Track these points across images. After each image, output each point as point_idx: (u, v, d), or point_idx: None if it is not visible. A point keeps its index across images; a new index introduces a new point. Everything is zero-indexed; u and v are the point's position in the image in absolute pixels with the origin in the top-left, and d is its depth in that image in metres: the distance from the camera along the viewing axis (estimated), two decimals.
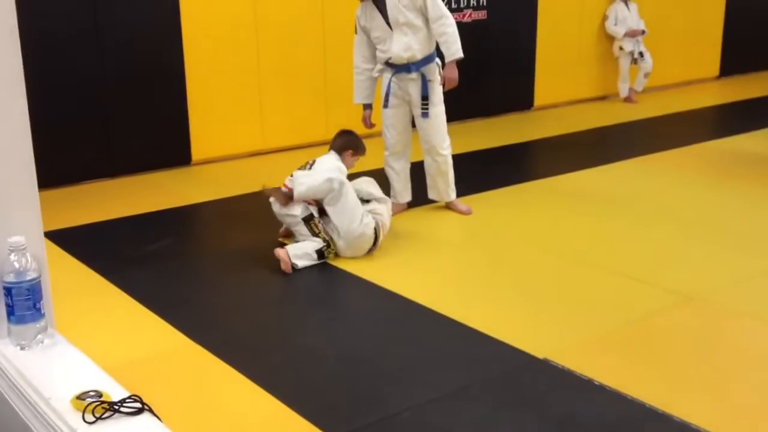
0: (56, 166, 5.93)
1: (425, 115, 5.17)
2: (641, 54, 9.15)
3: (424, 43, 5.06)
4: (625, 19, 9.07)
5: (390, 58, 5.10)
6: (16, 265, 1.98)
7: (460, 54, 5.01)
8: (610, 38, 9.20)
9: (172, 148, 6.59)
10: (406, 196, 5.40)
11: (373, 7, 5.07)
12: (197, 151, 6.68)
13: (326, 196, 4.55)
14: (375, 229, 4.57)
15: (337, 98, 7.20)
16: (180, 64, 6.46)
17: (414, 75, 5.12)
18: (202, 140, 6.67)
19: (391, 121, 5.25)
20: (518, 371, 3.36)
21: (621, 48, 9.15)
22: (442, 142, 5.26)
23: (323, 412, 3.03)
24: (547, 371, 3.35)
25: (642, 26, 9.14)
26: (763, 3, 10.72)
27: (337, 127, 7.26)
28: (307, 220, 4.57)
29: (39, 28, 5.74)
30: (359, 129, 5.26)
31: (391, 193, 5.35)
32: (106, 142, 6.29)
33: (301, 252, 4.48)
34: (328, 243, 4.54)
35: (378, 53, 5.18)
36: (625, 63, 9.18)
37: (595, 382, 3.22)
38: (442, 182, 5.35)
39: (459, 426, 2.96)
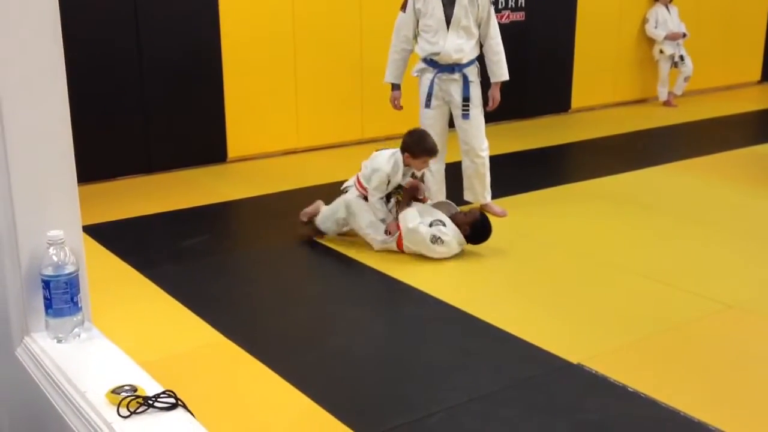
0: (93, 162, 5.99)
1: (466, 116, 5.18)
2: (681, 57, 9.03)
3: (473, 49, 5.16)
4: (665, 21, 8.96)
5: (437, 54, 5.09)
6: (55, 258, 2.01)
7: (507, 77, 5.28)
8: (650, 41, 9.10)
9: (208, 145, 6.64)
10: (441, 197, 5.38)
11: None
12: (233, 149, 6.72)
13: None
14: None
15: (372, 98, 7.20)
16: (218, 61, 6.50)
17: (456, 75, 5.14)
18: (238, 138, 6.71)
19: (430, 122, 5.23)
20: (551, 375, 3.33)
21: (661, 51, 9.05)
22: (481, 143, 5.25)
23: (354, 412, 3.03)
24: (580, 376, 3.31)
25: (683, 29, 9.03)
26: None
27: (372, 128, 7.35)
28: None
29: (78, 23, 5.80)
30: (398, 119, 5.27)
31: (427, 195, 5.34)
32: (143, 139, 6.35)
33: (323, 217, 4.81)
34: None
35: (423, 43, 5.16)
36: (665, 66, 9.08)
37: (629, 389, 3.18)
38: (479, 184, 5.34)
39: (490, 429, 2.94)
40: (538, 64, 8.33)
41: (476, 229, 4.63)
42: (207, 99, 6.54)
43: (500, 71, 5.25)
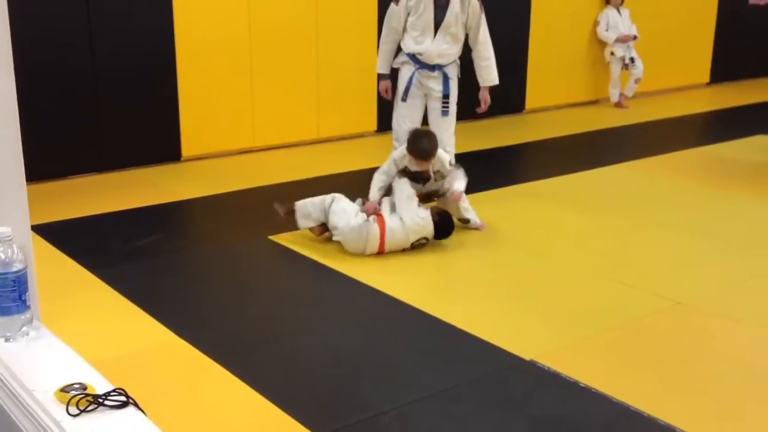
0: (44, 160, 5.90)
1: (446, 113, 5.31)
2: (632, 59, 9.17)
3: (456, 53, 5.29)
4: (616, 24, 9.10)
5: (421, 54, 5.16)
6: (2, 255, 1.97)
7: (497, 81, 5.41)
8: (602, 43, 9.22)
9: (162, 144, 6.57)
10: None
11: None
12: (187, 147, 6.66)
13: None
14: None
15: (328, 98, 7.20)
16: (172, 58, 6.44)
17: (436, 74, 5.26)
18: (192, 136, 6.65)
19: (403, 112, 5.33)
20: (505, 372, 3.37)
21: (612, 53, 9.18)
22: (450, 139, 5.38)
23: (310, 411, 3.03)
24: (533, 372, 3.35)
25: (634, 31, 9.17)
26: (753, 11, 10.78)
27: (328, 127, 7.35)
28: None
29: (30, 21, 5.71)
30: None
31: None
32: (95, 137, 6.26)
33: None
34: None
35: (409, 40, 5.21)
36: (616, 68, 9.21)
37: (581, 384, 3.23)
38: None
39: (445, 426, 2.96)
40: None
41: (439, 226, 4.67)
42: (160, 97, 6.47)
43: (489, 76, 5.38)
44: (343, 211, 4.67)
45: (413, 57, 5.23)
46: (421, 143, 4.75)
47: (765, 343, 3.71)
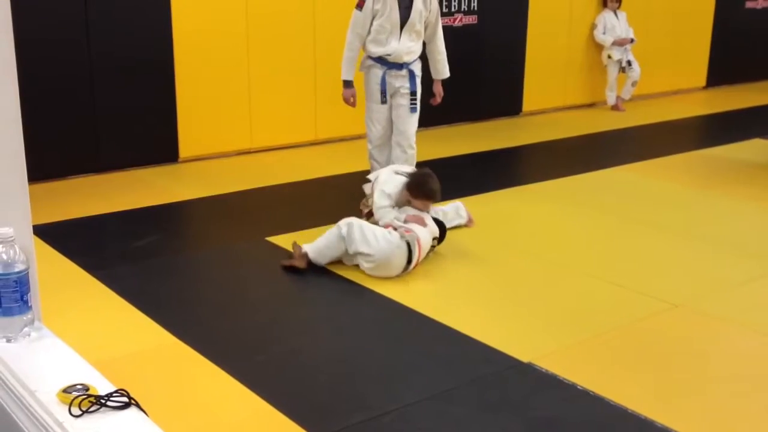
0: (43, 161, 5.89)
1: (414, 109, 5.37)
2: (629, 63, 9.20)
3: (419, 49, 5.37)
4: (613, 27, 9.12)
5: (389, 55, 5.22)
6: (4, 256, 1.97)
7: (449, 74, 5.56)
8: (599, 46, 9.24)
9: (159, 145, 6.57)
10: None
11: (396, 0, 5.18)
12: (185, 149, 6.66)
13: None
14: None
15: (326, 99, 7.20)
16: (170, 60, 6.44)
17: (404, 72, 5.30)
18: (190, 138, 6.65)
19: (378, 115, 5.40)
20: (503, 374, 3.37)
21: (609, 56, 9.19)
22: (413, 135, 5.44)
23: (307, 412, 3.03)
24: (531, 375, 3.36)
25: (631, 35, 9.19)
26: (749, 15, 10.81)
27: (326, 129, 7.35)
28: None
29: (28, 21, 5.70)
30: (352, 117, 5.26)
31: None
32: (93, 138, 6.26)
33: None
34: None
35: (372, 46, 5.26)
36: (613, 71, 9.23)
37: (579, 387, 3.24)
38: None
39: (443, 427, 2.96)
40: (490, 67, 8.42)
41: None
42: (158, 98, 6.47)
43: (444, 69, 5.53)
44: (373, 235, 4.32)
45: (380, 59, 5.27)
46: (433, 184, 4.63)
47: (760, 345, 3.73)
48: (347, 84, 5.40)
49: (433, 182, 4.67)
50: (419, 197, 4.63)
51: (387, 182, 4.73)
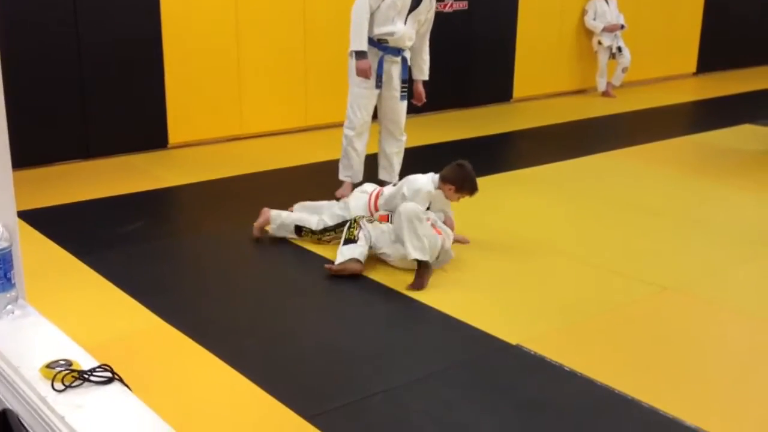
0: (31, 146, 5.88)
1: (404, 97, 5.36)
2: (619, 49, 9.20)
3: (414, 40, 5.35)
4: (604, 13, 9.11)
5: (391, 35, 5.16)
6: None
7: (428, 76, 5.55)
8: (590, 33, 9.24)
9: (148, 131, 6.54)
10: (361, 176, 5.44)
11: None
12: (174, 135, 6.63)
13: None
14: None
15: (316, 85, 7.19)
16: (158, 44, 6.40)
17: (398, 58, 5.28)
18: (179, 123, 6.62)
19: (365, 101, 5.32)
20: (491, 356, 3.38)
21: (600, 42, 9.20)
22: (404, 122, 5.45)
23: (295, 394, 3.03)
24: (519, 357, 3.37)
25: (621, 21, 9.19)
26: (739, 1, 10.81)
27: (316, 115, 7.33)
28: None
29: (14, 4, 5.66)
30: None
31: (350, 174, 5.39)
32: (81, 123, 6.23)
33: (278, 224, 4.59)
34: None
35: (375, 26, 5.15)
36: (603, 57, 9.23)
37: (566, 368, 3.25)
38: (398, 163, 5.53)
39: (432, 408, 2.97)
40: (481, 54, 8.40)
41: None
42: (147, 83, 6.44)
43: (427, 71, 5.51)
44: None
45: (378, 42, 5.20)
46: (474, 178, 4.44)
47: (747, 327, 3.74)
48: (360, 55, 5.09)
49: (473, 174, 4.48)
50: (465, 191, 4.43)
51: (417, 193, 4.39)
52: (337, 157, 5.56)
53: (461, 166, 4.45)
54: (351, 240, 4.22)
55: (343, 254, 4.18)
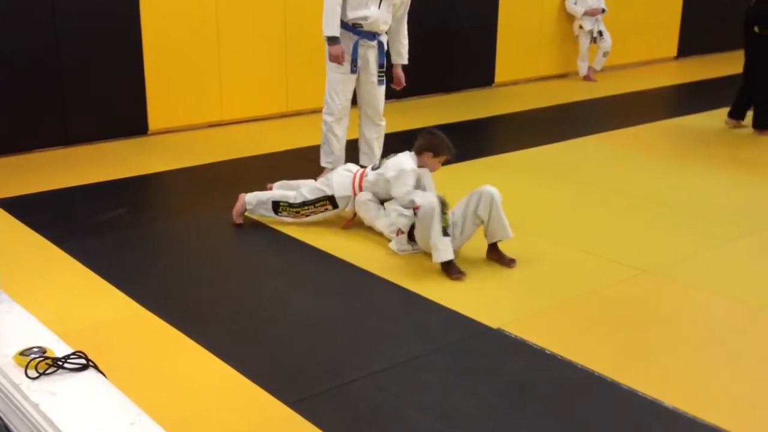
0: (9, 134, 5.82)
1: (381, 82, 5.35)
2: (600, 33, 9.20)
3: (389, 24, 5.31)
4: None
5: (365, 20, 5.11)
6: None
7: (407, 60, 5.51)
8: (571, 17, 9.23)
9: (128, 117, 6.48)
10: (342, 162, 5.42)
11: None
12: (154, 121, 6.58)
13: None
14: None
15: (297, 71, 7.15)
16: (137, 30, 6.34)
17: (374, 42, 5.23)
18: (159, 110, 6.57)
19: (342, 87, 5.29)
20: (472, 340, 3.39)
21: (581, 27, 9.19)
22: (383, 107, 5.43)
23: (277, 380, 3.03)
24: (500, 340, 3.38)
25: (602, 5, 9.19)
26: None
27: (297, 101, 7.29)
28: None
29: None
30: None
31: (331, 160, 5.37)
32: (59, 110, 6.17)
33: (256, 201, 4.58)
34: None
35: (349, 10, 5.11)
36: (584, 42, 9.23)
37: (547, 351, 3.26)
38: (378, 148, 5.51)
39: (413, 393, 2.97)
40: (462, 38, 8.38)
41: None
42: (127, 70, 6.38)
43: (406, 55, 5.48)
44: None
45: (353, 27, 5.16)
46: (448, 140, 4.47)
47: (726, 309, 3.77)
48: (332, 40, 5.10)
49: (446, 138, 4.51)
50: (442, 154, 4.44)
51: (402, 172, 4.41)
52: (319, 143, 5.53)
53: (431, 132, 4.54)
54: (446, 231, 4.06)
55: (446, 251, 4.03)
